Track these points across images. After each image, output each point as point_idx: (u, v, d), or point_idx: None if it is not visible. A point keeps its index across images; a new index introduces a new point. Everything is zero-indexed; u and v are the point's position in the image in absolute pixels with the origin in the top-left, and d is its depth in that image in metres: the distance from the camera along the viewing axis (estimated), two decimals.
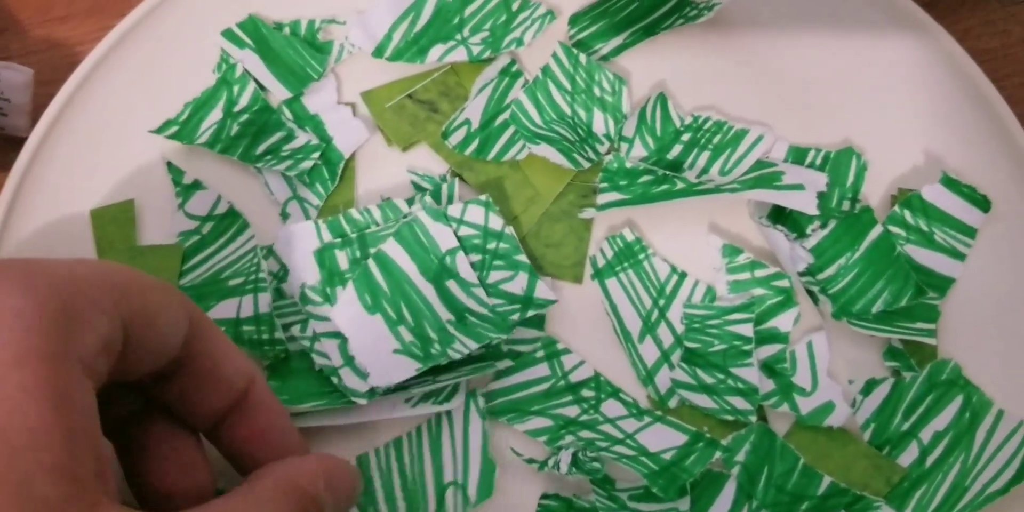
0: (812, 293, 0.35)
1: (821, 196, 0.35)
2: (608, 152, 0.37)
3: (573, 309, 0.35)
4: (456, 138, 0.37)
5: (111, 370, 0.23)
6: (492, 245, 0.35)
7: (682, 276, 0.35)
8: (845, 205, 0.36)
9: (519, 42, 0.37)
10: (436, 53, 0.37)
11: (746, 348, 0.34)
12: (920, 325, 0.34)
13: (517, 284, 0.34)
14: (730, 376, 0.34)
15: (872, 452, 0.33)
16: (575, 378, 0.34)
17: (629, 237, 0.36)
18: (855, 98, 0.38)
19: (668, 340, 0.35)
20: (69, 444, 0.20)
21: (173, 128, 0.36)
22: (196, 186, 0.36)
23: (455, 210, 0.35)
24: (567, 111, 0.37)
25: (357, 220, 0.35)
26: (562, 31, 0.38)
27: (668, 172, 0.36)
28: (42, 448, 0.19)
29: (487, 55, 0.37)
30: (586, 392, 0.34)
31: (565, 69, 0.37)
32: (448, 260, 0.34)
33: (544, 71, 0.37)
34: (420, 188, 0.36)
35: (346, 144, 0.37)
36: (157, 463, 0.26)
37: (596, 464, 0.32)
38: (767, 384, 0.34)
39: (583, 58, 0.37)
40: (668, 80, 0.38)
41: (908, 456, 0.33)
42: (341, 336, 0.33)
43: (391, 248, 0.34)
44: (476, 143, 0.37)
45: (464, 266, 0.34)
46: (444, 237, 0.34)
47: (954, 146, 0.37)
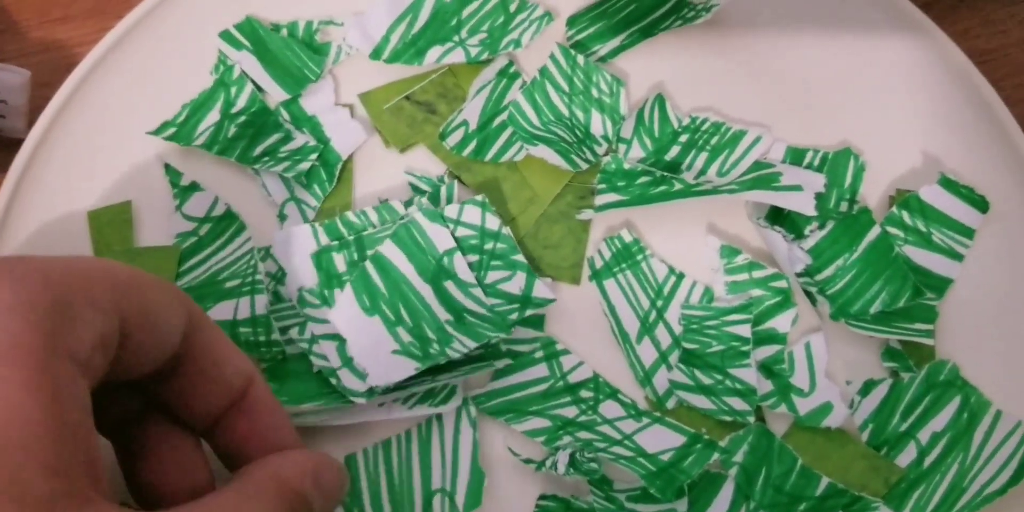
0: (810, 294, 0.35)
1: (819, 197, 0.35)
2: (606, 153, 0.37)
3: (571, 310, 0.35)
4: (454, 139, 0.37)
5: (108, 368, 0.22)
6: (489, 245, 0.35)
7: (680, 277, 0.35)
8: (843, 206, 0.36)
9: (517, 43, 0.37)
10: (434, 54, 0.37)
11: (744, 349, 0.34)
12: (918, 326, 0.34)
13: (515, 284, 0.34)
14: (728, 377, 0.34)
15: (870, 453, 0.33)
16: (574, 379, 0.34)
17: (627, 238, 0.36)
18: (853, 99, 0.38)
19: (666, 341, 0.35)
20: (60, 440, 0.19)
21: (171, 130, 0.36)
22: (193, 188, 0.36)
23: (452, 211, 0.35)
24: (565, 112, 0.37)
25: (354, 223, 0.35)
26: (560, 32, 0.38)
27: (666, 173, 0.36)
28: (31, 443, 0.19)
29: (485, 56, 0.37)
30: (584, 393, 0.34)
31: (563, 70, 0.37)
32: (446, 261, 0.34)
33: (542, 72, 0.37)
34: (418, 190, 0.36)
35: (344, 145, 0.37)
36: (156, 463, 0.26)
37: (594, 465, 0.32)
38: (765, 385, 0.34)
39: (581, 59, 0.37)
40: (666, 81, 0.38)
41: (906, 457, 0.33)
42: (339, 338, 0.33)
43: (388, 249, 0.34)
44: (474, 144, 0.37)
45: (462, 266, 0.34)
46: (441, 238, 0.34)
47: (952, 147, 0.37)
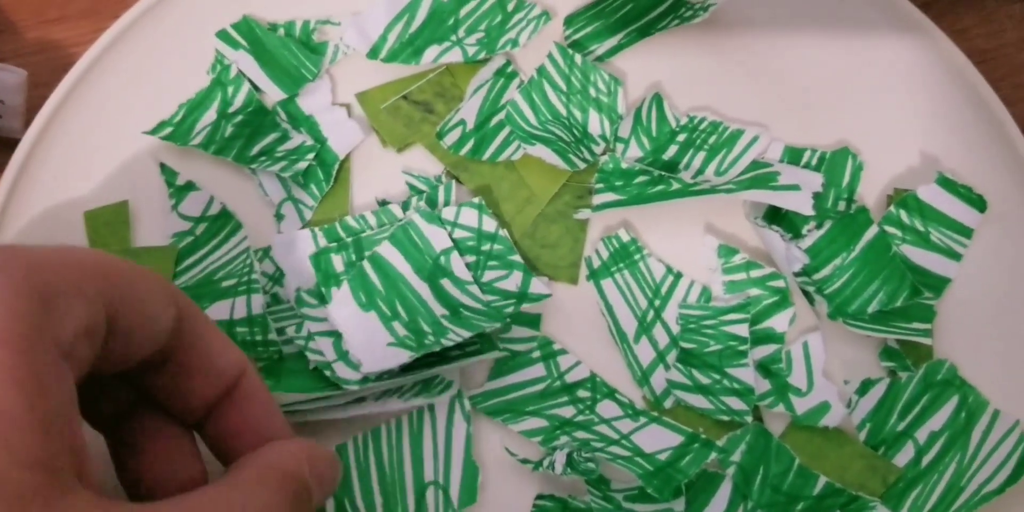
0: (808, 293, 0.35)
1: (817, 196, 0.35)
2: (604, 153, 0.37)
3: (569, 310, 0.35)
4: (451, 139, 0.37)
5: (96, 358, 0.22)
6: (486, 247, 0.35)
7: (678, 276, 0.35)
8: (841, 205, 0.36)
9: (514, 43, 0.37)
10: (431, 54, 0.37)
11: (742, 348, 0.34)
12: (916, 325, 0.34)
13: (512, 282, 0.34)
14: (726, 376, 0.34)
15: (868, 452, 0.33)
16: (571, 379, 0.34)
17: (625, 238, 0.36)
18: (851, 98, 0.38)
19: (664, 341, 0.35)
20: (41, 429, 0.19)
21: (167, 129, 0.36)
22: (189, 187, 0.36)
23: (449, 213, 0.35)
24: (562, 112, 0.37)
25: (353, 227, 0.35)
26: (557, 32, 0.38)
27: (664, 173, 0.36)
28: (11, 434, 0.19)
29: (482, 56, 0.37)
30: (582, 393, 0.34)
31: (560, 70, 0.37)
32: (442, 260, 0.34)
33: (539, 72, 0.37)
34: (416, 190, 0.36)
35: (341, 145, 0.37)
36: (148, 457, 0.26)
37: (591, 465, 0.32)
38: (763, 384, 0.34)
39: (578, 59, 0.37)
40: (664, 81, 0.38)
41: (904, 456, 0.33)
42: (336, 334, 0.33)
43: (386, 250, 0.34)
44: (471, 144, 0.37)
45: (458, 265, 0.34)
46: (438, 238, 0.34)
47: (950, 146, 0.37)
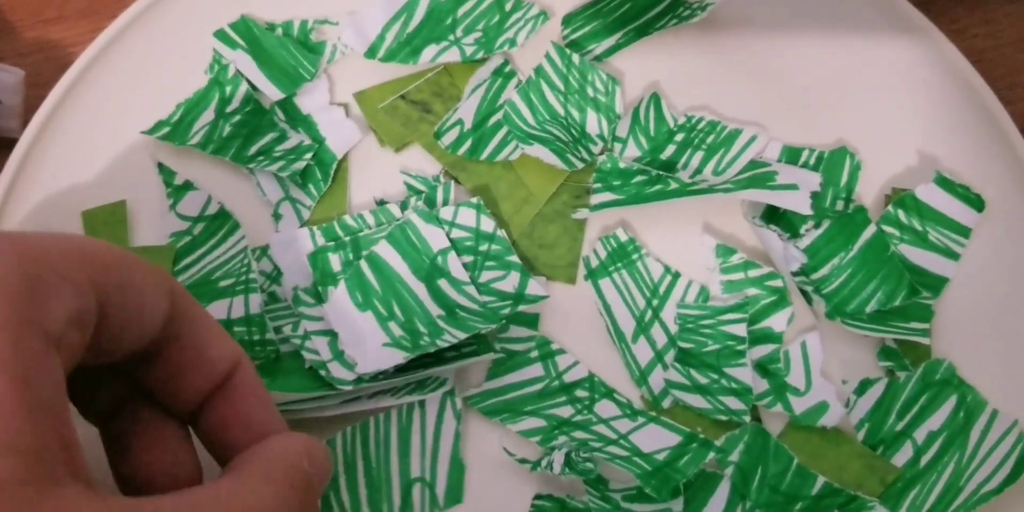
0: (806, 293, 0.35)
1: (815, 196, 0.35)
2: (601, 152, 0.37)
3: (567, 309, 0.35)
4: (449, 138, 0.37)
5: (88, 347, 0.22)
6: (484, 247, 0.35)
7: (676, 276, 0.35)
8: (839, 205, 0.36)
9: (512, 42, 0.37)
10: (429, 54, 0.37)
11: (740, 348, 0.34)
12: (914, 325, 0.34)
13: (509, 283, 0.34)
14: (724, 376, 0.34)
15: (866, 452, 0.33)
16: (569, 378, 0.34)
17: (623, 237, 0.36)
18: (849, 98, 0.38)
19: (662, 340, 0.35)
20: (28, 417, 0.18)
21: (165, 129, 0.36)
22: (187, 187, 0.36)
23: (447, 213, 0.35)
24: (560, 111, 0.37)
25: (351, 226, 0.35)
26: (555, 31, 0.38)
27: (662, 172, 0.36)
28: None
29: (480, 55, 0.37)
30: (580, 392, 0.34)
31: (558, 69, 0.37)
32: (439, 260, 0.34)
33: (537, 71, 0.37)
34: (413, 189, 0.36)
35: (339, 145, 0.37)
36: (144, 451, 0.25)
37: (589, 465, 0.32)
38: (761, 384, 0.34)
39: (576, 58, 0.37)
40: (661, 80, 0.38)
41: (902, 456, 0.33)
42: (332, 333, 0.33)
43: (383, 249, 0.34)
44: (469, 143, 0.37)
45: (456, 265, 0.34)
46: (436, 238, 0.34)
47: (948, 146, 0.37)
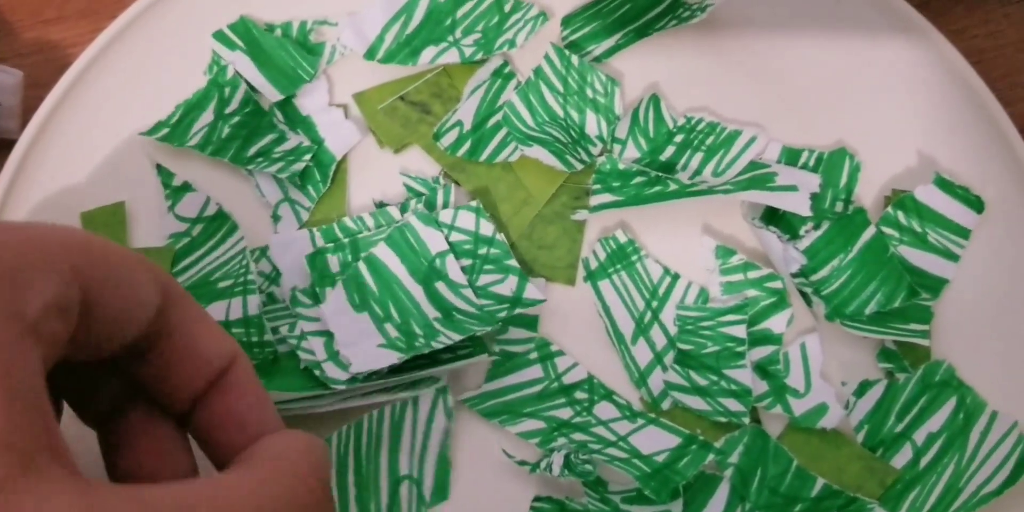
0: (805, 294, 0.35)
1: (814, 197, 0.35)
2: (601, 154, 0.37)
3: (566, 311, 0.35)
4: (448, 140, 0.36)
5: (74, 340, 0.21)
6: (483, 251, 0.35)
7: (675, 278, 0.35)
8: (838, 206, 0.36)
9: (511, 44, 0.37)
10: (428, 55, 0.37)
11: (739, 350, 0.34)
12: (913, 326, 0.34)
13: (507, 286, 0.34)
14: (723, 378, 0.33)
15: (866, 454, 0.33)
16: (568, 380, 0.34)
17: (622, 239, 0.36)
18: (848, 99, 0.38)
19: (661, 342, 0.35)
20: (9, 409, 0.18)
21: (164, 130, 0.36)
22: (186, 188, 0.36)
23: (446, 216, 0.35)
24: (559, 113, 0.37)
25: (351, 228, 0.35)
26: (554, 32, 0.38)
27: (661, 173, 0.36)
28: None
29: (479, 57, 0.37)
30: (579, 394, 0.34)
31: (557, 71, 0.37)
32: (437, 262, 0.34)
33: (536, 73, 0.37)
34: (413, 191, 0.36)
35: (338, 146, 0.37)
36: (140, 452, 0.25)
37: (588, 466, 0.32)
38: (760, 386, 0.34)
39: (575, 59, 0.37)
40: (661, 81, 0.38)
41: (902, 458, 0.33)
42: (328, 334, 0.33)
43: (381, 251, 0.34)
44: (468, 145, 0.37)
45: (453, 268, 0.34)
46: (434, 241, 0.34)
47: (948, 147, 0.37)
